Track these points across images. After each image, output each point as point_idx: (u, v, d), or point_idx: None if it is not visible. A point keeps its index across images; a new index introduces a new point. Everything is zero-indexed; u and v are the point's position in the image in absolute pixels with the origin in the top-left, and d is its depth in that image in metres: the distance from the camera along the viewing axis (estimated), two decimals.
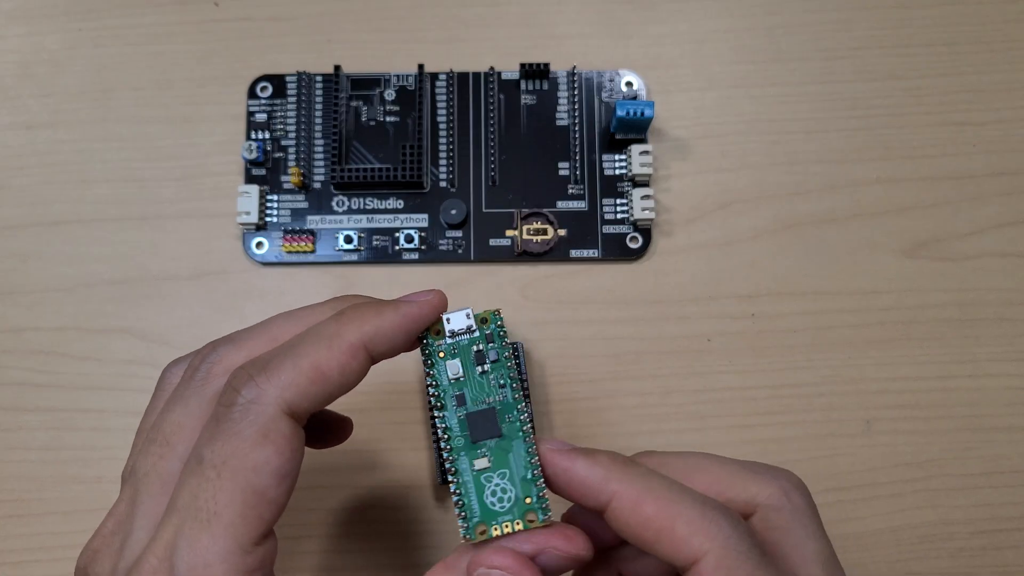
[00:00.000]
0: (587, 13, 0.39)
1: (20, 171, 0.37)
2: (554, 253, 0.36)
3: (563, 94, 0.38)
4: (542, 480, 0.22)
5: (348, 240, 0.36)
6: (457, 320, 0.24)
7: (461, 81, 0.38)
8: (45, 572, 0.34)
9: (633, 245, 0.36)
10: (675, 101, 0.38)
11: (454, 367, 0.23)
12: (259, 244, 0.36)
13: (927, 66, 0.39)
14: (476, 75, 0.38)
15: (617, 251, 0.36)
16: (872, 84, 0.38)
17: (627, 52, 0.39)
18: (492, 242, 0.36)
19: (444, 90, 0.38)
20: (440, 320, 0.24)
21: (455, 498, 0.22)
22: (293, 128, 0.37)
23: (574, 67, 0.38)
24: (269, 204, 0.37)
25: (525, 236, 0.36)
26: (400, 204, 0.37)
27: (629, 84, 0.38)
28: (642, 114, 0.35)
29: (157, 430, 0.23)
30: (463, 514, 0.22)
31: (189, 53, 0.38)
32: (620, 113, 0.35)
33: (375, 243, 0.36)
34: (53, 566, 0.34)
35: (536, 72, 0.37)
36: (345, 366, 0.23)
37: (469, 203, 0.37)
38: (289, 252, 0.36)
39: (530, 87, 0.38)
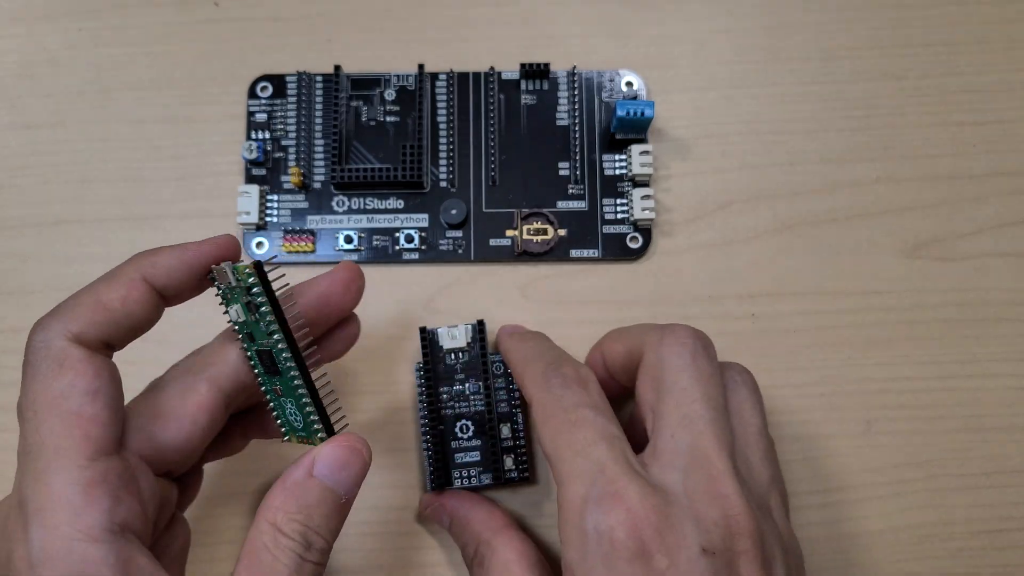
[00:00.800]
0: (587, 13, 0.39)
1: (20, 171, 0.37)
2: (554, 253, 0.36)
3: (563, 94, 0.38)
4: (313, 413, 0.26)
5: (348, 240, 0.36)
6: (224, 273, 0.26)
7: (461, 81, 0.38)
8: None
9: (633, 245, 0.36)
10: (675, 101, 0.38)
11: (235, 311, 0.26)
12: (259, 244, 0.36)
13: (927, 66, 0.39)
14: (476, 75, 0.38)
15: (617, 251, 0.36)
16: (872, 84, 0.38)
17: (627, 52, 0.39)
18: (492, 242, 0.36)
19: (444, 90, 0.38)
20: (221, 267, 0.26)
21: (274, 412, 0.27)
22: (293, 128, 0.37)
23: (574, 67, 0.38)
24: (269, 204, 0.37)
25: (525, 236, 0.36)
26: (400, 204, 0.37)
27: (629, 84, 0.38)
28: (642, 114, 0.35)
29: (18, 411, 0.24)
30: (282, 426, 0.27)
31: (189, 53, 0.38)
32: (620, 113, 0.35)
33: (375, 243, 0.36)
34: None
35: (536, 72, 0.37)
36: (126, 297, 0.25)
37: (469, 203, 0.37)
38: (289, 252, 0.36)
39: (530, 87, 0.38)
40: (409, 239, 0.36)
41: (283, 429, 0.27)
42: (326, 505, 0.25)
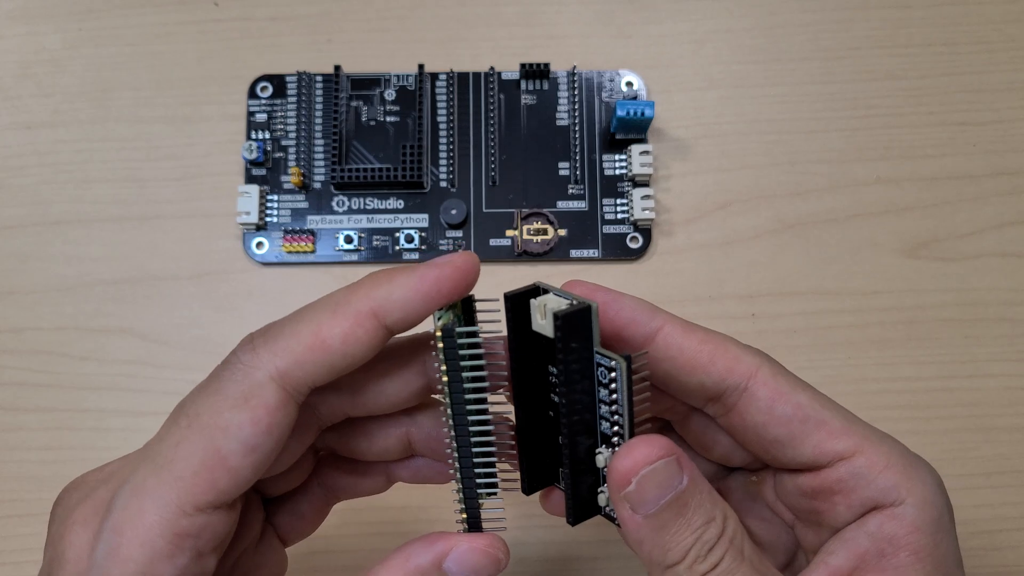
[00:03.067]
0: (587, 13, 0.39)
1: (20, 171, 0.37)
2: (554, 253, 0.36)
3: (563, 94, 0.38)
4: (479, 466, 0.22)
5: (348, 240, 0.36)
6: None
7: (461, 81, 0.38)
8: None
9: (633, 245, 0.36)
10: (675, 101, 0.38)
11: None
12: (259, 244, 0.36)
13: (927, 66, 0.38)
14: (476, 75, 0.38)
15: (617, 251, 0.36)
16: (872, 84, 0.38)
17: (627, 52, 0.39)
18: (492, 242, 0.36)
19: (444, 90, 0.38)
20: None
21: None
22: (293, 128, 0.37)
23: (574, 67, 0.38)
24: (269, 204, 0.37)
25: (525, 236, 0.36)
26: (400, 204, 0.37)
27: (629, 84, 0.38)
28: (642, 114, 0.35)
29: (180, 408, 0.22)
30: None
31: (189, 53, 0.38)
32: (620, 113, 0.35)
33: (375, 243, 0.36)
34: None
35: (536, 72, 0.37)
36: (348, 334, 0.21)
37: (469, 203, 0.37)
38: (289, 252, 0.36)
39: (530, 87, 0.38)
40: (409, 239, 0.36)
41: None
42: None
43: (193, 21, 0.39)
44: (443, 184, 0.37)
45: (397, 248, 0.36)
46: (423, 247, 0.36)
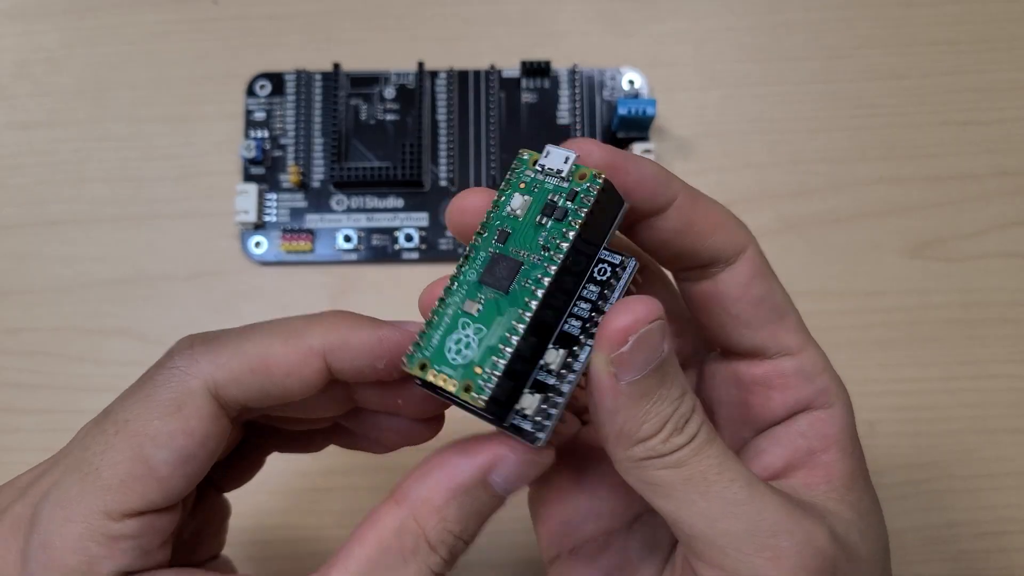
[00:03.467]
0: (588, 11, 0.39)
1: (17, 171, 0.37)
2: None
3: (564, 92, 0.38)
4: (502, 364, 0.18)
5: (347, 239, 0.36)
6: (555, 158, 0.20)
7: (461, 79, 0.38)
8: None
9: None
10: (677, 100, 0.38)
11: (518, 201, 0.20)
12: (257, 243, 0.36)
13: (930, 65, 0.38)
14: (476, 73, 0.38)
15: None
16: (875, 83, 0.38)
17: (629, 50, 0.38)
18: None
19: (444, 88, 0.37)
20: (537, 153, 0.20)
21: (427, 320, 0.19)
22: (292, 126, 0.37)
23: (575, 65, 0.38)
24: (268, 203, 0.36)
25: None
26: (400, 203, 0.36)
27: (631, 82, 0.38)
28: (644, 112, 0.35)
29: (108, 414, 0.21)
30: (420, 341, 0.19)
31: (187, 51, 0.38)
32: (622, 111, 0.35)
33: (375, 242, 0.36)
34: None
35: (537, 70, 0.37)
36: (294, 368, 0.20)
37: None
38: (288, 251, 0.36)
39: (531, 85, 0.38)
40: (409, 238, 0.36)
41: (415, 351, 0.19)
42: (488, 516, 0.20)
43: (191, 19, 0.39)
44: (443, 183, 0.37)
45: (396, 247, 0.36)
46: (423, 246, 0.36)
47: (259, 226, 0.36)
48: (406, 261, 0.36)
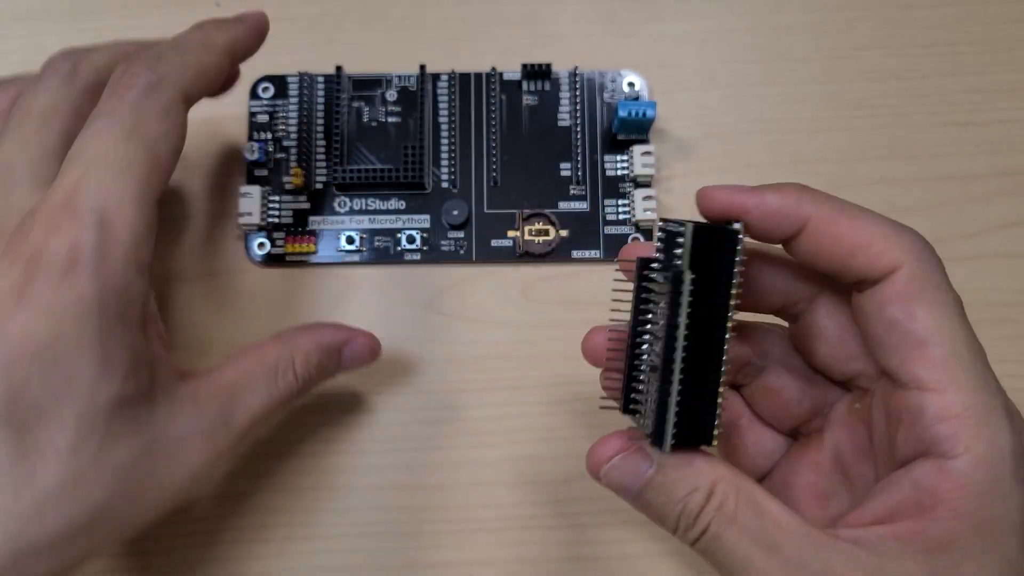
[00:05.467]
0: (589, 13, 0.39)
1: None
2: (556, 254, 0.36)
3: (565, 94, 0.38)
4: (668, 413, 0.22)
5: (350, 241, 0.36)
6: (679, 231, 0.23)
7: (463, 82, 0.38)
8: None
9: None
10: (677, 101, 0.38)
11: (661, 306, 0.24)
12: (261, 245, 0.36)
13: (930, 66, 0.38)
14: (478, 75, 0.38)
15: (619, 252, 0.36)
16: (875, 84, 0.38)
17: (629, 52, 0.39)
18: (494, 243, 0.36)
19: (446, 91, 0.38)
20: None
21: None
22: (295, 129, 0.37)
23: (576, 67, 0.38)
24: (271, 205, 0.37)
25: (527, 237, 0.36)
26: (402, 205, 0.37)
27: (631, 84, 0.38)
28: (644, 114, 0.35)
29: (26, 112, 0.25)
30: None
31: None
32: (622, 113, 0.35)
33: (377, 244, 0.36)
34: None
35: (538, 72, 0.37)
36: (221, 68, 0.27)
37: (471, 204, 0.37)
38: (291, 252, 0.36)
39: (532, 87, 0.38)
40: (411, 240, 0.36)
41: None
42: (328, 376, 0.29)
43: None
44: (444, 185, 0.37)
45: (399, 249, 0.36)
46: (425, 248, 0.36)
47: (262, 228, 0.36)
48: (408, 262, 0.36)
